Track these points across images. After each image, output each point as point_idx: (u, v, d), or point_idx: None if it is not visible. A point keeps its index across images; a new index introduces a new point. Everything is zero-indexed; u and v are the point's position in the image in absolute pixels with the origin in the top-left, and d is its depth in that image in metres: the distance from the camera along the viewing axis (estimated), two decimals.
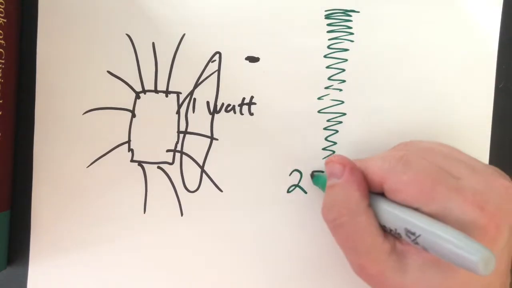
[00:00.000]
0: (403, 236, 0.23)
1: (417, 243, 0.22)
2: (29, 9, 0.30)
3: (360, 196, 0.25)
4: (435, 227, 0.21)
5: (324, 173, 0.30)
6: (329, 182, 0.27)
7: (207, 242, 0.31)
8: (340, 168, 0.26)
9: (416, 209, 0.23)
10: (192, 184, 0.31)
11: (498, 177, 0.24)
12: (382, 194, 0.25)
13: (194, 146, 0.31)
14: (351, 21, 0.31)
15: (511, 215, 0.22)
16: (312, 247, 0.31)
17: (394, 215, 0.24)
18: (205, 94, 0.31)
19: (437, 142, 0.27)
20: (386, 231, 0.25)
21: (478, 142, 0.32)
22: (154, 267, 0.31)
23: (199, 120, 0.31)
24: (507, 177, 0.25)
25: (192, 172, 0.31)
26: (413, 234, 0.22)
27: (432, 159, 0.24)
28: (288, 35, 0.31)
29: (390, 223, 0.24)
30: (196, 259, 0.31)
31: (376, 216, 0.25)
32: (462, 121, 0.32)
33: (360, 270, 0.25)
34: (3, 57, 0.28)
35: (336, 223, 0.26)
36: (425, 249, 0.22)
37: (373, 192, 0.26)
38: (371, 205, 0.25)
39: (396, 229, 0.24)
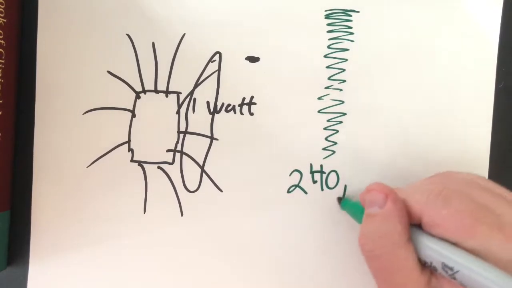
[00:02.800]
0: (439, 270, 0.23)
1: (454, 278, 0.22)
2: (29, 9, 0.30)
3: (402, 229, 0.24)
4: (475, 263, 0.21)
5: (355, 201, 0.30)
6: (368, 210, 0.26)
7: (207, 242, 0.31)
8: (382, 198, 0.25)
9: (454, 244, 0.23)
10: (192, 184, 0.31)
11: None
12: (418, 226, 0.25)
13: (194, 146, 0.31)
14: (351, 21, 0.31)
15: None
16: (312, 247, 0.31)
17: (432, 249, 0.23)
18: (205, 94, 0.31)
19: (473, 174, 0.27)
20: (422, 263, 0.24)
21: (478, 142, 0.32)
22: (154, 267, 0.31)
23: (199, 120, 0.31)
24: None
25: (192, 172, 0.31)
26: (451, 269, 0.22)
27: (472, 193, 0.24)
28: (288, 35, 0.31)
29: (427, 257, 0.24)
30: (196, 259, 0.31)
31: (415, 248, 0.24)
32: (462, 121, 0.32)
33: None
34: (3, 57, 0.28)
35: (374, 254, 0.25)
36: (462, 284, 0.22)
37: (411, 223, 0.25)
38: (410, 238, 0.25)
39: (432, 263, 0.23)
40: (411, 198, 0.25)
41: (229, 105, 0.31)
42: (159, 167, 0.31)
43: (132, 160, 0.31)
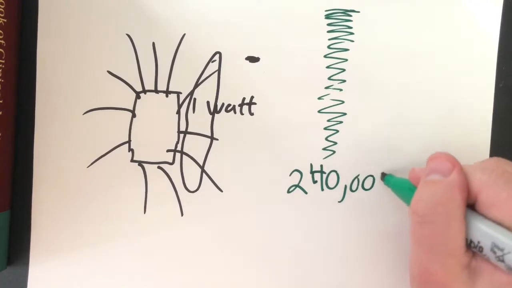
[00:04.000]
0: (485, 251, 0.23)
1: (502, 260, 0.22)
2: (29, 9, 0.30)
3: (462, 201, 0.24)
4: None
5: (401, 177, 0.30)
6: (430, 177, 0.26)
7: (208, 242, 0.31)
8: (449, 166, 0.25)
9: (507, 228, 0.23)
10: (192, 184, 0.31)
11: None
12: (470, 206, 0.25)
13: (194, 146, 0.31)
14: (351, 21, 0.31)
15: None
16: (312, 247, 0.31)
17: (484, 227, 0.23)
18: (205, 94, 0.31)
19: None
20: (467, 243, 0.24)
21: (478, 142, 0.32)
22: (154, 267, 0.31)
23: (199, 120, 0.31)
24: None
25: (192, 172, 0.31)
26: (501, 250, 0.22)
27: None
28: (289, 35, 0.31)
29: (477, 236, 0.23)
30: (196, 259, 0.31)
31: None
32: (462, 120, 0.32)
33: (424, 275, 0.25)
34: (3, 57, 0.28)
35: (426, 219, 0.24)
36: (509, 267, 0.22)
37: None
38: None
39: (480, 242, 0.23)
40: (471, 175, 0.25)
41: (229, 105, 0.31)
42: (159, 167, 0.31)
43: (132, 160, 0.31)
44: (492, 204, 0.23)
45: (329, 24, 0.31)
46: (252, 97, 0.31)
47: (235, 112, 0.31)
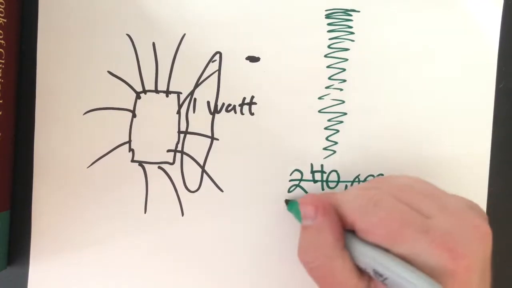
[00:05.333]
0: (373, 276, 0.23)
1: (386, 284, 0.22)
2: (29, 9, 0.30)
3: (334, 239, 0.24)
4: (402, 270, 0.21)
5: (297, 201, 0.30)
6: (303, 223, 0.26)
7: (208, 242, 0.31)
8: (312, 210, 0.26)
9: (386, 250, 0.23)
10: (192, 184, 0.31)
11: (469, 215, 0.23)
12: (352, 232, 0.25)
13: (195, 146, 0.31)
14: (351, 20, 0.31)
15: (482, 255, 0.22)
16: None
17: (364, 255, 0.24)
18: (205, 94, 0.31)
19: (410, 177, 0.26)
20: (362, 270, 0.24)
21: (479, 142, 0.32)
22: (155, 267, 0.31)
23: (199, 120, 0.31)
24: (482, 213, 0.24)
25: (192, 172, 0.31)
26: (381, 276, 0.22)
27: (403, 197, 0.24)
28: (289, 34, 0.31)
29: (361, 263, 0.24)
30: (197, 259, 0.31)
31: (351, 255, 0.24)
32: (462, 121, 0.32)
33: None
34: (3, 57, 0.28)
35: (311, 266, 0.25)
36: None
37: (347, 229, 0.25)
38: (345, 245, 0.25)
39: (366, 269, 0.23)
40: (345, 203, 0.25)
41: (229, 105, 0.31)
42: (159, 167, 0.31)
43: (132, 160, 0.31)
44: (366, 230, 0.24)
45: (329, 24, 0.31)
46: (252, 97, 0.31)
47: (235, 112, 0.31)
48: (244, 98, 0.31)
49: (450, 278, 0.21)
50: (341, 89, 0.31)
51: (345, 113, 0.32)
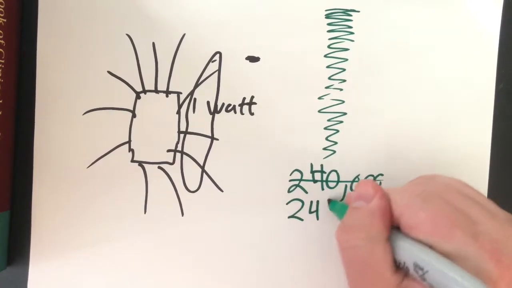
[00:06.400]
0: (411, 271, 0.23)
1: (424, 279, 0.22)
2: (29, 9, 0.30)
3: (383, 226, 0.25)
4: (445, 265, 0.21)
5: (342, 201, 0.30)
6: (354, 204, 0.27)
7: (208, 242, 0.31)
8: (371, 192, 0.26)
9: (430, 247, 0.23)
10: (192, 184, 0.31)
11: None
12: (396, 228, 0.25)
13: (195, 146, 0.31)
14: (351, 20, 0.31)
15: None
16: (313, 247, 0.31)
17: (406, 248, 0.23)
18: (205, 94, 0.31)
19: (457, 180, 0.26)
20: (397, 265, 0.24)
21: (479, 143, 0.32)
22: (155, 267, 0.31)
23: (199, 120, 0.31)
24: None
25: (192, 172, 0.31)
26: (422, 269, 0.22)
27: (451, 198, 0.24)
28: (289, 34, 0.31)
29: (401, 256, 0.24)
30: (197, 258, 0.31)
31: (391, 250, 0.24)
32: (462, 121, 0.32)
33: None
34: (3, 57, 0.28)
35: (349, 244, 0.25)
36: (431, 286, 0.22)
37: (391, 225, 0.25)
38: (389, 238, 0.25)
39: (405, 262, 0.23)
40: (392, 199, 0.25)
41: (229, 105, 0.31)
42: (159, 167, 0.31)
43: (132, 160, 0.31)
44: (412, 225, 0.24)
45: (329, 24, 0.31)
46: (252, 97, 0.31)
47: (235, 112, 0.31)
48: (244, 98, 0.31)
49: (491, 286, 0.21)
50: (341, 89, 0.31)
51: (345, 113, 0.32)
